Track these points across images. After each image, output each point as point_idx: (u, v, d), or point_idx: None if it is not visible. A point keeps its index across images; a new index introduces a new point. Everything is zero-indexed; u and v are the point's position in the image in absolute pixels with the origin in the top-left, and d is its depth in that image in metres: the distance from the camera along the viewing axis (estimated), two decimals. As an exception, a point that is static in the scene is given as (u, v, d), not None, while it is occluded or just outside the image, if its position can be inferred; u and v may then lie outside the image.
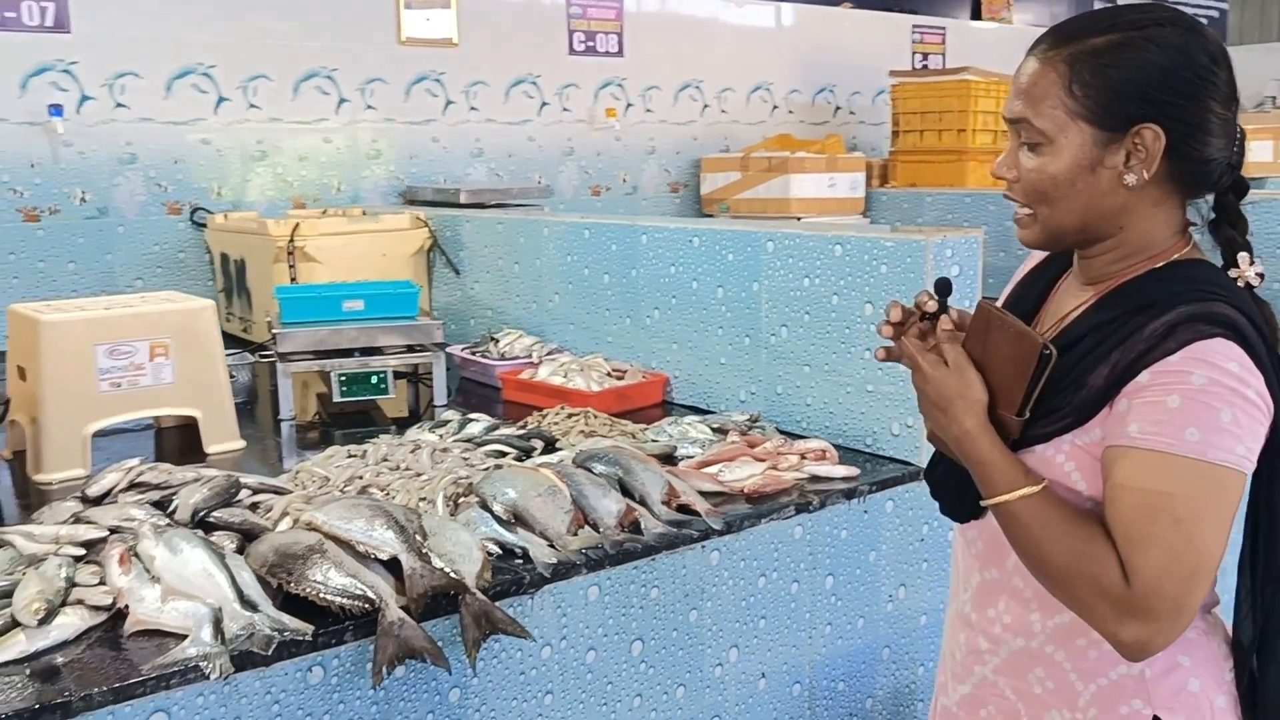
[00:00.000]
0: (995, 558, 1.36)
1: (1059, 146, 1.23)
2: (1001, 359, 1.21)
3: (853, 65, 6.51)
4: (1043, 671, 1.33)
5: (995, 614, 1.38)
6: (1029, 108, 1.25)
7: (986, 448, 1.23)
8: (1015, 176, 1.28)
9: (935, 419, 1.26)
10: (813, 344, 2.56)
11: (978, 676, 1.41)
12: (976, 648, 1.41)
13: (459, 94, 4.89)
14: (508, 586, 1.75)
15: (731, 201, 5.56)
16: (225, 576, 1.62)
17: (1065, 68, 1.22)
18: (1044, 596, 1.28)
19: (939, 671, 1.59)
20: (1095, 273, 1.31)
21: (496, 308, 3.70)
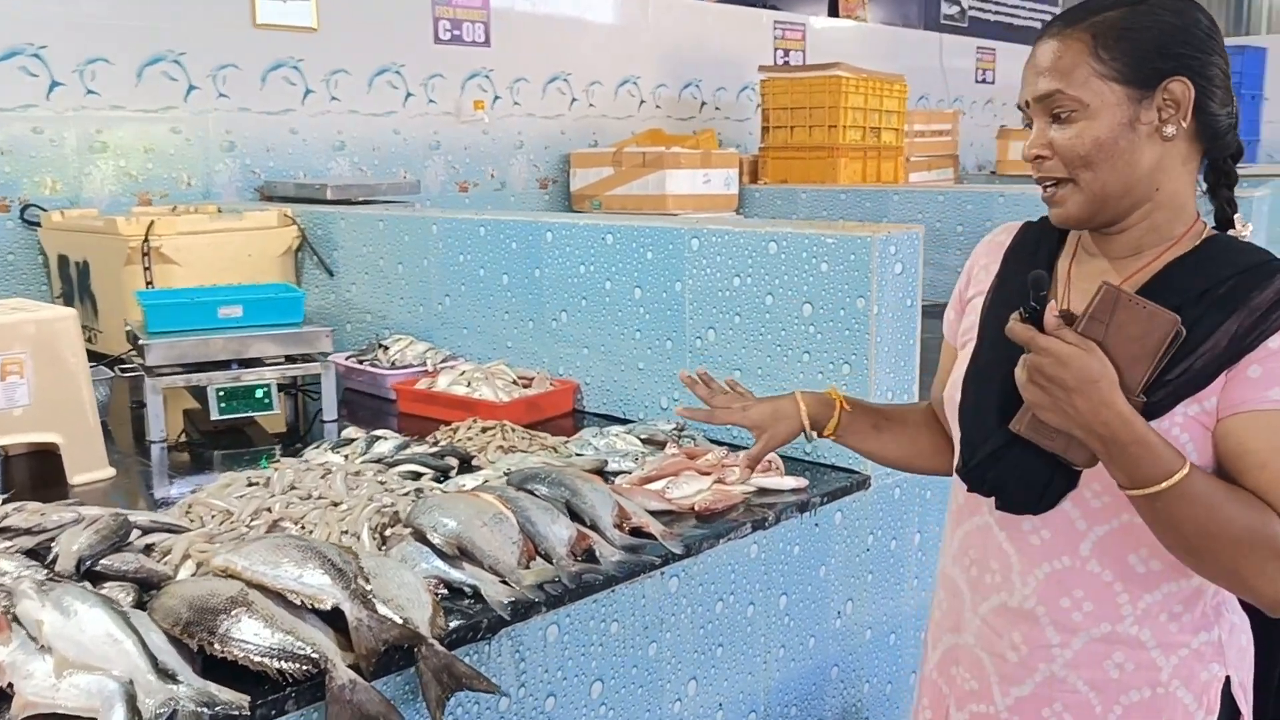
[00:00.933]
0: (1066, 546, 1.32)
1: (1095, 110, 1.25)
2: (1127, 339, 1.17)
3: (717, 60, 6.45)
4: (1122, 655, 1.31)
5: (1072, 603, 1.32)
6: (1059, 80, 1.26)
7: (1143, 428, 1.16)
8: (1049, 153, 1.28)
9: (1074, 406, 1.15)
10: (744, 347, 2.43)
11: (1042, 674, 1.35)
12: (1044, 642, 1.34)
13: (319, 83, 4.56)
14: (464, 633, 1.54)
15: (604, 198, 5.40)
16: (134, 640, 1.35)
17: (1088, 37, 1.26)
18: (1129, 578, 1.29)
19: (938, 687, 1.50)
20: (1128, 246, 1.32)
21: (377, 312, 3.43)
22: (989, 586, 1.40)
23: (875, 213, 5.13)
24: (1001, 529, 1.37)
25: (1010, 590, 1.37)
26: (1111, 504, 1.28)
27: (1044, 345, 1.16)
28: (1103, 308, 1.18)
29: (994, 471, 1.32)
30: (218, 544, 1.75)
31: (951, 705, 1.47)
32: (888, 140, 6.03)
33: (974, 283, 1.51)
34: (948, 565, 1.49)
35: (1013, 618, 1.37)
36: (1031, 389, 1.19)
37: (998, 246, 1.49)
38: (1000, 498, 1.34)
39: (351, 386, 3.11)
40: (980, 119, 8.90)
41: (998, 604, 1.38)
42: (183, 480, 2.41)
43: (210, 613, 1.41)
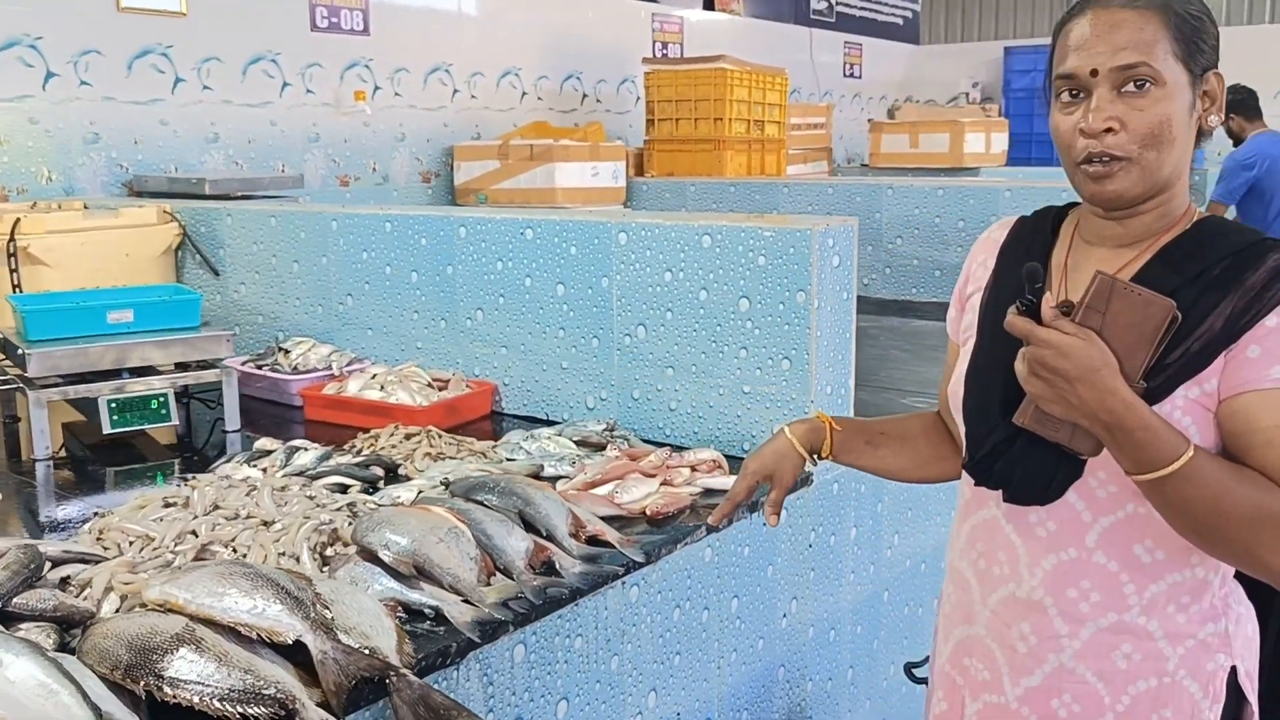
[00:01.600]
0: (1072, 537, 1.32)
1: (1170, 89, 1.25)
2: (1124, 327, 1.17)
3: (598, 52, 6.38)
4: (1130, 645, 1.31)
5: (1079, 593, 1.32)
6: (1143, 52, 1.24)
7: (1147, 414, 1.16)
8: (1118, 126, 1.24)
9: (1078, 395, 1.15)
10: (677, 344, 2.36)
11: (1051, 665, 1.35)
12: (1053, 633, 1.34)
13: (190, 71, 4.30)
14: (433, 659, 1.43)
15: (490, 191, 5.26)
16: (71, 690, 1.21)
17: (1162, 15, 1.25)
18: (1135, 568, 1.29)
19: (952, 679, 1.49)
20: (1137, 231, 1.32)
21: (269, 313, 3.24)
22: (997, 578, 1.39)
23: (765, 205, 5.15)
24: (1009, 521, 1.37)
25: (1018, 581, 1.37)
26: (1117, 494, 1.28)
27: (1043, 337, 1.16)
28: (1098, 297, 1.18)
29: (1000, 464, 1.32)
30: (142, 573, 1.60)
31: (966, 696, 1.46)
32: (770, 133, 6.07)
33: (972, 280, 1.50)
34: (955, 559, 1.48)
35: (1021, 608, 1.37)
36: (1034, 381, 1.19)
37: (993, 243, 1.48)
38: (1007, 490, 1.33)
39: (248, 393, 2.91)
40: (848, 113, 9.07)
41: (1006, 595, 1.38)
42: (74, 501, 2.20)
43: (154, 653, 1.27)
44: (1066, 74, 1.28)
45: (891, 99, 9.65)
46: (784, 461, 1.60)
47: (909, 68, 10.07)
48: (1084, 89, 1.27)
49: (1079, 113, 1.27)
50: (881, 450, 1.61)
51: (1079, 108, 1.27)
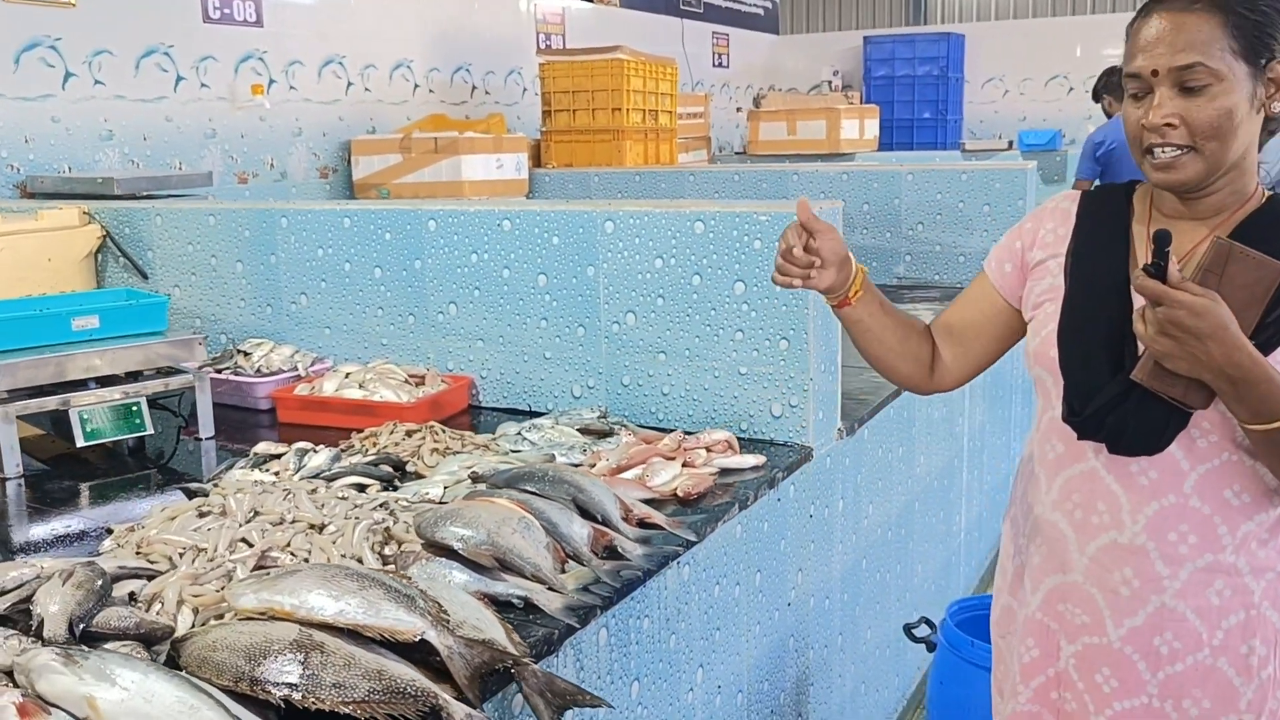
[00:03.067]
0: (1172, 485, 1.42)
1: (1229, 85, 1.35)
2: (1237, 288, 1.27)
3: (485, 44, 6.32)
4: (1221, 582, 1.42)
5: (1178, 536, 1.42)
6: (1199, 52, 1.35)
7: (1269, 367, 1.26)
8: (1178, 122, 1.36)
9: (1207, 352, 1.24)
10: (669, 329, 2.40)
11: (1153, 605, 1.44)
12: (1154, 574, 1.44)
13: (80, 65, 4.07)
14: (540, 647, 1.43)
15: (392, 186, 5.16)
16: (211, 704, 1.17)
17: (1220, 15, 1.36)
18: (1227, 510, 1.41)
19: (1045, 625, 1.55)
20: (1211, 207, 1.44)
21: (209, 316, 3.11)
22: (1096, 527, 1.48)
23: (672, 193, 5.21)
24: (1109, 472, 1.46)
25: (1120, 529, 1.46)
26: (1216, 444, 1.39)
27: (1178, 298, 1.24)
28: (1216, 260, 1.29)
29: (1112, 418, 1.40)
30: (208, 585, 1.54)
31: (1062, 639, 1.54)
32: (663, 123, 6.13)
33: (1040, 245, 1.59)
34: (1046, 511, 1.54)
35: (1123, 554, 1.46)
36: (1163, 340, 1.27)
37: (1064, 213, 1.59)
38: (1116, 442, 1.42)
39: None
40: (718, 102, 9.22)
41: (1107, 542, 1.47)
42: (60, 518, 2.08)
43: (277, 661, 1.24)
44: (1133, 73, 1.40)
45: (757, 88, 9.86)
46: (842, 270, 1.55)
47: (771, 57, 10.31)
48: (1148, 87, 1.38)
49: (1144, 108, 1.39)
50: (887, 320, 1.63)
51: (1145, 103, 1.39)
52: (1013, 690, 1.62)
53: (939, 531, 3.40)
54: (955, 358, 1.70)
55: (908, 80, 9.47)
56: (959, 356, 1.70)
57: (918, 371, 1.70)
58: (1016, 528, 1.64)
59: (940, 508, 3.40)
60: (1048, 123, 9.15)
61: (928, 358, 1.70)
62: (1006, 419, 4.24)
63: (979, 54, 9.73)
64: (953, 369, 1.71)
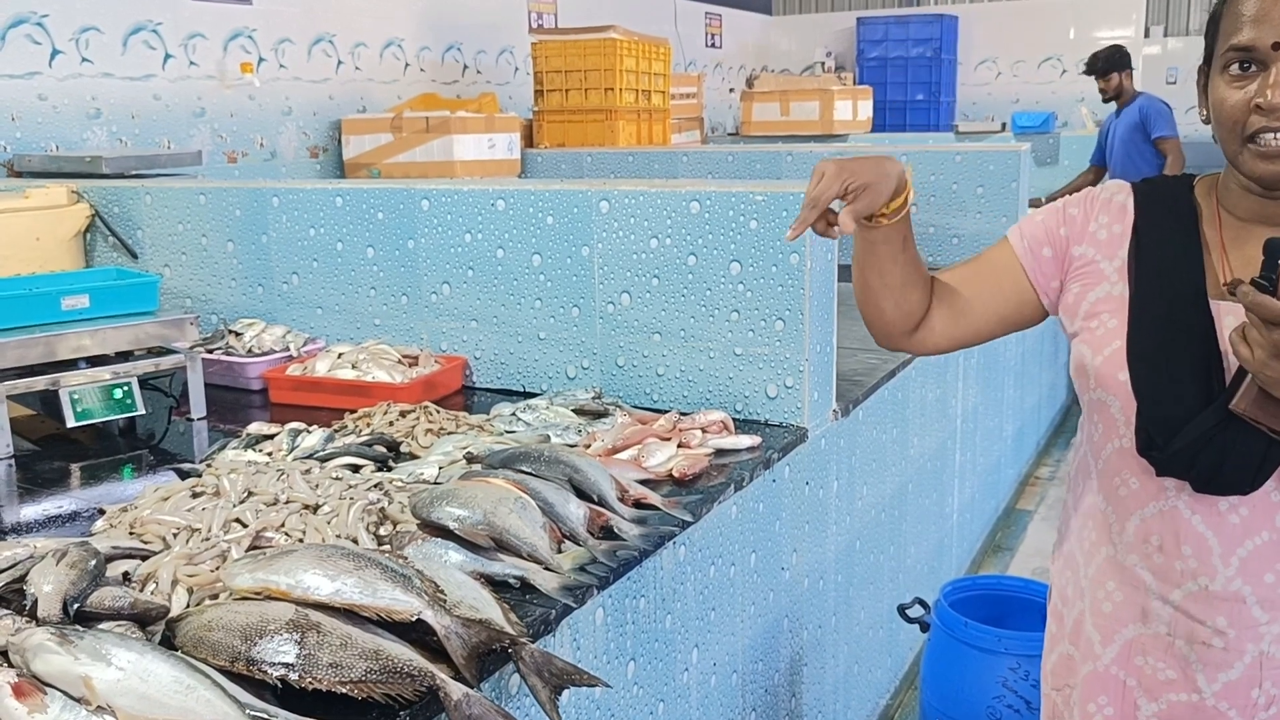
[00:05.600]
0: (1264, 520, 1.29)
1: None
2: None
3: (476, 23, 6.27)
4: None
5: (1276, 578, 1.30)
6: None
7: None
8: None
9: None
10: (664, 309, 2.39)
11: (1251, 655, 1.32)
12: (1252, 621, 1.31)
13: (67, 42, 4.02)
14: (537, 626, 1.43)
15: (383, 165, 5.13)
16: (209, 684, 1.16)
17: None
18: None
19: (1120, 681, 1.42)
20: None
21: (199, 296, 3.09)
22: (1182, 573, 1.34)
23: (665, 174, 5.19)
24: (1194, 511, 1.32)
25: (1212, 575, 1.32)
26: None
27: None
28: None
29: (1206, 454, 1.25)
30: (201, 565, 1.53)
31: (1141, 697, 1.40)
32: (656, 103, 6.10)
33: (1092, 240, 1.42)
34: (1120, 555, 1.40)
35: (1215, 602, 1.32)
36: (1277, 365, 1.12)
37: (1119, 207, 1.42)
38: (1209, 481, 1.28)
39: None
40: (711, 82, 9.18)
41: (1195, 590, 1.33)
42: (52, 499, 2.07)
43: (274, 641, 1.24)
44: (1243, 46, 1.22)
45: (750, 69, 9.82)
46: (885, 182, 1.37)
47: (764, 38, 10.27)
48: (1261, 62, 1.21)
49: (1252, 87, 1.22)
50: (908, 254, 1.47)
51: (1251, 81, 1.22)
52: None
53: (932, 513, 3.41)
54: (946, 324, 1.52)
55: (901, 62, 9.44)
56: (950, 325, 1.52)
57: (900, 320, 1.50)
58: (1075, 569, 1.49)
59: (934, 489, 3.41)
60: (1040, 105, 9.14)
61: (918, 314, 1.50)
62: (999, 401, 4.25)
63: (972, 36, 9.70)
64: (939, 334, 1.52)
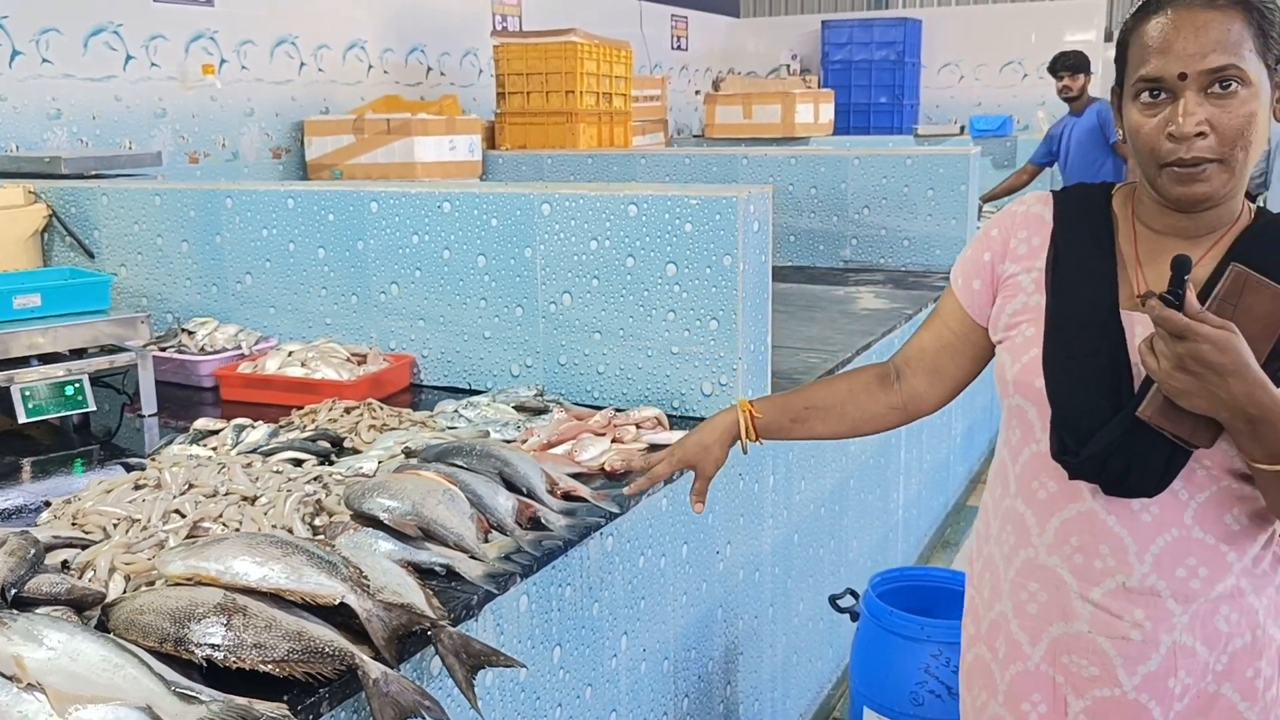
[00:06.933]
0: (1172, 519, 1.34)
1: (1256, 89, 1.25)
2: (1253, 319, 1.19)
3: (440, 25, 6.32)
4: (1228, 606, 1.36)
5: (1187, 572, 1.35)
6: (1231, 53, 1.24)
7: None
8: (1208, 129, 1.24)
9: (1228, 389, 1.16)
10: (604, 310, 2.46)
11: (1165, 645, 1.37)
12: (1166, 614, 1.36)
13: (27, 43, 4.06)
14: (459, 611, 1.50)
15: (345, 167, 5.18)
16: (135, 663, 1.23)
17: (1245, 14, 1.25)
18: (1230, 537, 1.34)
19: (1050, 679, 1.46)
20: (1208, 223, 1.34)
21: (154, 295, 3.14)
22: (1101, 571, 1.38)
23: (622, 176, 5.27)
24: (1109, 512, 1.36)
25: (1128, 571, 1.36)
26: (1215, 470, 1.31)
27: (1203, 333, 1.14)
28: (1233, 290, 1.19)
29: (1115, 459, 1.30)
30: (140, 554, 1.60)
31: (1069, 694, 1.44)
32: (618, 105, 6.18)
33: (1013, 257, 1.47)
34: (1040, 556, 1.44)
35: (1133, 597, 1.37)
36: (1181, 377, 1.17)
37: (1036, 219, 1.46)
38: (1118, 484, 1.33)
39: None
40: (676, 85, 9.27)
41: (1114, 587, 1.38)
42: (1, 493, 2.13)
43: (202, 623, 1.30)
44: (1151, 77, 1.26)
45: (715, 71, 9.92)
46: (706, 455, 1.72)
47: (730, 40, 10.37)
48: (1168, 91, 1.25)
49: (1164, 115, 1.26)
50: (810, 423, 1.67)
51: (1162, 109, 1.26)
52: None
53: (876, 508, 3.50)
54: (931, 385, 1.62)
55: (865, 65, 9.56)
56: (934, 384, 1.61)
57: (887, 419, 1.66)
58: (995, 571, 1.52)
59: (877, 485, 3.50)
60: (1002, 108, 9.27)
61: (893, 401, 1.64)
62: (946, 399, 4.34)
63: (936, 39, 9.83)
64: (929, 396, 1.62)
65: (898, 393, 1.65)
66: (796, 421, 1.69)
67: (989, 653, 1.54)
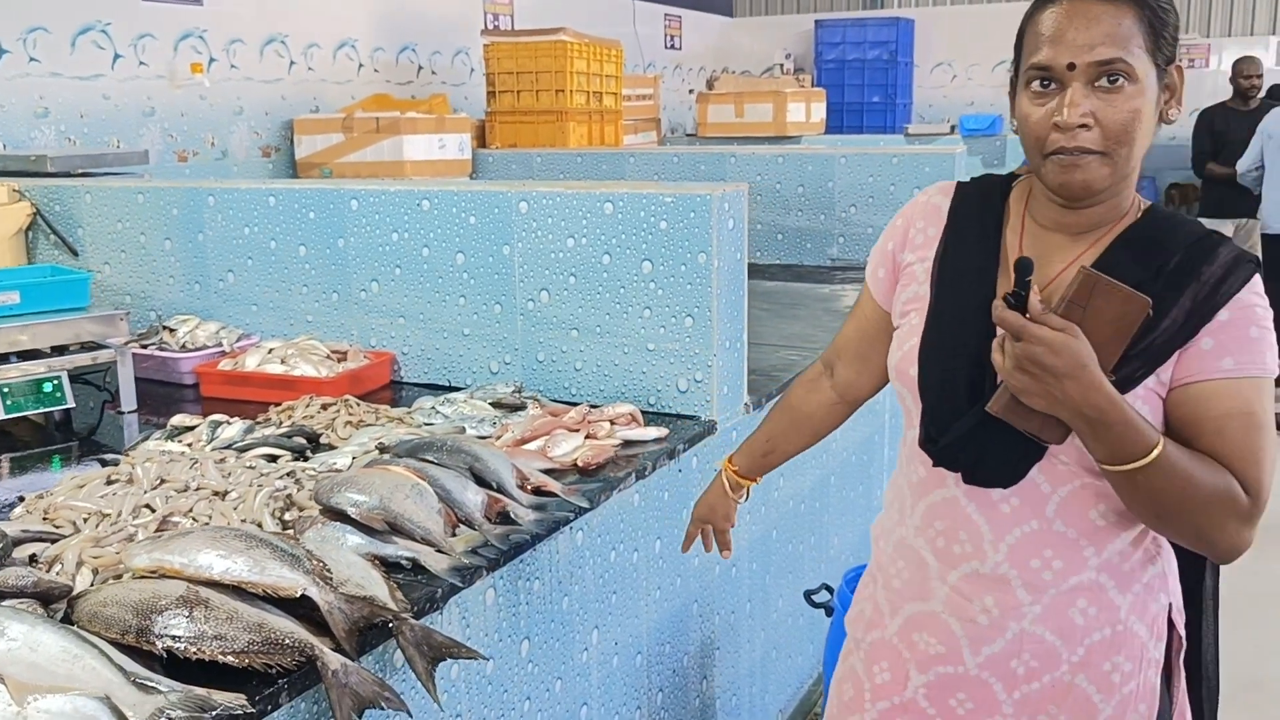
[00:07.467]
0: (1033, 511, 1.37)
1: (1142, 85, 1.27)
2: (1103, 322, 1.20)
3: (432, 24, 6.33)
4: (1085, 601, 1.38)
5: (1041, 563, 1.38)
6: (1120, 47, 1.25)
7: (1127, 408, 1.20)
8: (1092, 121, 1.26)
9: (1064, 391, 1.18)
10: (580, 306, 2.48)
11: (1012, 632, 1.40)
12: (1014, 603, 1.40)
13: (14, 42, 4.07)
14: (423, 604, 1.52)
15: (334, 165, 5.19)
16: (95, 654, 1.24)
17: (1137, 9, 1.27)
18: (1092, 533, 1.37)
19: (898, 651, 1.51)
20: (1091, 220, 1.36)
21: (138, 293, 3.16)
22: (958, 556, 1.43)
23: (612, 174, 5.28)
24: (970, 500, 1.40)
25: (982, 558, 1.40)
26: (1074, 466, 1.34)
27: (1037, 334, 1.17)
28: (1081, 292, 1.20)
29: (968, 449, 1.35)
30: (109, 548, 1.61)
31: (912, 668, 1.49)
32: (608, 104, 6.19)
33: (911, 246, 1.50)
34: (909, 537, 1.49)
35: (984, 583, 1.41)
36: (1019, 376, 1.20)
37: (935, 209, 1.49)
38: (971, 474, 1.38)
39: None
40: (670, 84, 9.28)
41: (969, 572, 1.42)
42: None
43: (164, 615, 1.32)
44: (1041, 65, 1.27)
45: (710, 70, 9.93)
46: (714, 512, 1.94)
47: (724, 39, 10.38)
48: (1058, 81, 1.27)
49: (1051, 104, 1.27)
50: (778, 452, 1.84)
51: (1051, 99, 1.27)
52: (860, 700, 1.58)
53: (858, 504, 3.52)
54: (860, 373, 1.67)
55: (858, 64, 9.56)
56: (863, 371, 1.67)
57: (834, 413, 1.77)
58: (878, 545, 1.59)
59: (860, 481, 3.51)
60: (994, 107, 9.26)
61: (831, 396, 1.74)
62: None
63: (929, 39, 9.84)
64: (861, 383, 1.68)
65: (833, 386, 1.75)
66: (767, 455, 1.86)
67: (864, 613, 1.61)
